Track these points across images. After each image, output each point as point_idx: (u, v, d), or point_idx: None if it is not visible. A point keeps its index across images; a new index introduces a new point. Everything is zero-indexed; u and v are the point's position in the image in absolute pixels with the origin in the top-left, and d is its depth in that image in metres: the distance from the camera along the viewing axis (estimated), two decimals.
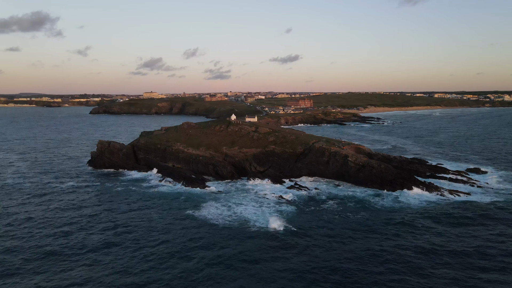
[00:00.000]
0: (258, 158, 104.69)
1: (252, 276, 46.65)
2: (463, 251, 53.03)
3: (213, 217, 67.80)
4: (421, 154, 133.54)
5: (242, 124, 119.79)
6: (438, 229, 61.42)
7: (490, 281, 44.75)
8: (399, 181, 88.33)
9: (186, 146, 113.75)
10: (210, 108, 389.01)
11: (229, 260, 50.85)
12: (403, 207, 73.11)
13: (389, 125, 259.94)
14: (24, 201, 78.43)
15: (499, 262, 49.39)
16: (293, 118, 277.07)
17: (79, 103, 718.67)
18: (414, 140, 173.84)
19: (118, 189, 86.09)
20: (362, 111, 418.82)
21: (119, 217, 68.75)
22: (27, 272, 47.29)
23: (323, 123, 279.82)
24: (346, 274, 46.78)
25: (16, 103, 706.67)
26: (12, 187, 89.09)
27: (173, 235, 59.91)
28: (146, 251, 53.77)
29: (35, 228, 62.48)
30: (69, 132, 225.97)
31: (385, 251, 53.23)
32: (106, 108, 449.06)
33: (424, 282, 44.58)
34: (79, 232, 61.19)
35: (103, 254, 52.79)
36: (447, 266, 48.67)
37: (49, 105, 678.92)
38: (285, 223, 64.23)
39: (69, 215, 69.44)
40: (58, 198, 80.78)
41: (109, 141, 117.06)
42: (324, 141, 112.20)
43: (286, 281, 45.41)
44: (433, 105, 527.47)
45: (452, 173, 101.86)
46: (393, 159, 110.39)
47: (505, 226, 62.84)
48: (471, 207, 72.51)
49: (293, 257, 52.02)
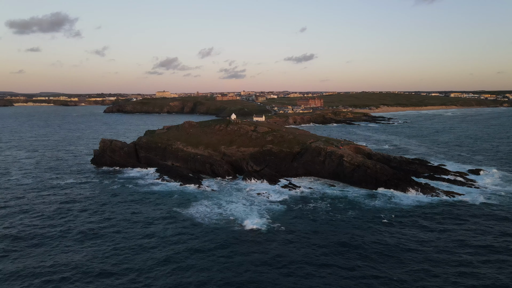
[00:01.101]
0: (255, 157, 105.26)
1: (221, 269, 47.45)
2: (437, 251, 52.62)
3: (200, 215, 68.89)
4: (424, 154, 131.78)
5: (241, 124, 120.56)
6: (421, 229, 61.10)
7: (461, 275, 44.46)
8: (394, 181, 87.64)
9: (185, 145, 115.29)
10: (221, 107, 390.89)
11: (201, 254, 52.02)
12: (394, 208, 72.64)
13: (398, 125, 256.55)
14: (21, 195, 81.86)
15: (467, 262, 48.97)
16: (302, 118, 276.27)
17: (95, 102, 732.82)
18: (420, 140, 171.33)
19: (114, 187, 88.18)
20: (374, 110, 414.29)
21: (107, 211, 71.42)
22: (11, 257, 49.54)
23: (332, 122, 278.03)
24: (315, 271, 47.14)
25: (35, 102, 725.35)
26: (14, 182, 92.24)
27: (153, 230, 61.77)
28: (123, 242, 56.57)
29: (26, 218, 65.20)
30: (81, 130, 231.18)
31: (360, 248, 53.41)
32: (120, 107, 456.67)
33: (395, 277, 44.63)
34: (66, 223, 64.29)
35: (80, 243, 56.39)
36: (420, 264, 48.47)
37: (66, 104, 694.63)
38: (268, 221, 65.05)
39: (60, 208, 72.76)
40: (54, 193, 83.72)
41: (111, 140, 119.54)
42: (323, 141, 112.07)
43: (252, 274, 46.50)
44: (448, 104, 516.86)
45: (452, 174, 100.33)
46: (392, 159, 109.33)
47: (487, 227, 62.03)
48: (462, 208, 71.83)
49: (268, 252, 53.10)
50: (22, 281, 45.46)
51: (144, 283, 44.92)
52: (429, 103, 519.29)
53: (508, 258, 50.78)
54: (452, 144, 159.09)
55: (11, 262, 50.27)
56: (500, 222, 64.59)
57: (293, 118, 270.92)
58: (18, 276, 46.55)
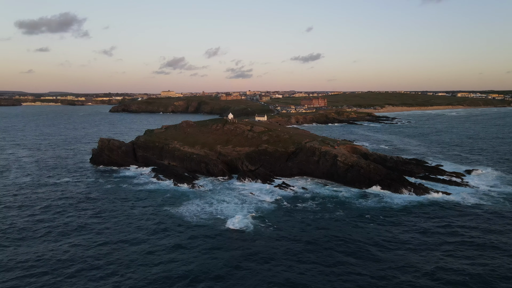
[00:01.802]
0: (251, 156, 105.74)
1: (201, 264, 48.07)
2: (419, 252, 52.64)
3: (190, 213, 69.60)
4: (423, 155, 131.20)
5: (238, 123, 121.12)
6: (405, 228, 61.07)
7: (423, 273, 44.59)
8: (387, 181, 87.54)
9: (182, 144, 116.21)
10: (224, 107, 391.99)
11: (184, 249, 52.86)
12: (383, 207, 72.66)
13: (401, 125, 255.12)
14: (16, 192, 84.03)
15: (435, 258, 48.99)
16: (304, 117, 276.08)
17: (101, 102, 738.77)
18: (420, 140, 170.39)
19: (108, 186, 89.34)
20: (379, 110, 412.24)
21: (97, 208, 73.07)
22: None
23: (335, 122, 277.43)
24: (294, 266, 47.62)
25: (43, 102, 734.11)
26: (12, 180, 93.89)
27: (139, 227, 63.13)
28: (108, 238, 58.53)
29: (18, 214, 66.73)
30: (84, 129, 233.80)
31: (340, 245, 53.72)
32: (125, 107, 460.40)
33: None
34: (53, 219, 66.44)
35: (66, 237, 58.46)
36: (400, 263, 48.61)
37: (73, 104, 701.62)
38: (255, 220, 65.70)
39: (50, 205, 74.94)
40: (48, 190, 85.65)
41: (109, 139, 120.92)
42: (319, 141, 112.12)
43: (232, 269, 47.43)
44: (454, 104, 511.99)
45: (447, 174, 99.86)
46: (389, 159, 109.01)
47: (470, 227, 61.70)
48: (451, 208, 71.77)
49: (250, 248, 53.97)
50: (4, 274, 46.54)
51: (125, 276, 45.87)
52: (435, 103, 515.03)
53: (485, 254, 51.06)
54: (452, 144, 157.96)
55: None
56: (485, 222, 64.20)
57: (295, 117, 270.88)
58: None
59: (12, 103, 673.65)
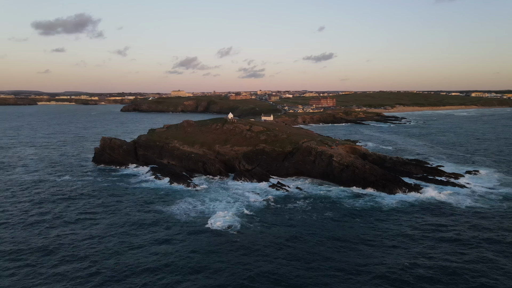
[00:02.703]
0: (248, 156, 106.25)
1: (182, 258, 48.83)
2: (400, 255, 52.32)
3: (180, 211, 70.59)
4: (426, 155, 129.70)
5: (237, 123, 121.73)
6: (391, 228, 60.65)
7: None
8: (382, 182, 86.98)
9: (182, 143, 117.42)
10: (233, 107, 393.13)
11: (167, 244, 53.65)
12: (373, 208, 72.30)
13: (409, 125, 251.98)
14: (14, 188, 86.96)
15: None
16: (311, 117, 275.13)
17: (114, 101, 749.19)
18: (426, 140, 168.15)
19: (104, 184, 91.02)
20: (389, 110, 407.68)
21: (88, 205, 75.36)
22: None
23: (342, 122, 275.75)
24: (272, 261, 47.92)
25: (58, 101, 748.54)
26: (14, 177, 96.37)
27: (127, 222, 65.28)
28: (94, 231, 61.50)
29: (16, 209, 68.64)
30: (94, 128, 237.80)
31: (322, 244, 53.80)
32: (136, 106, 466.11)
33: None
34: (43, 212, 69.75)
35: (53, 229, 60.62)
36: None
37: (87, 103, 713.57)
38: (242, 218, 66.36)
39: (43, 200, 78.25)
40: (46, 187, 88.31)
41: (111, 138, 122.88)
42: (318, 141, 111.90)
43: (211, 262, 47.58)
44: (468, 104, 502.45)
45: (446, 175, 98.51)
46: (388, 160, 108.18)
47: (459, 228, 60.87)
48: (442, 209, 71.07)
49: (233, 244, 54.73)
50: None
51: (101, 265, 48.19)
52: (447, 103, 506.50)
53: (460, 251, 50.87)
54: (456, 144, 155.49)
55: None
56: (477, 224, 63.28)
57: (302, 117, 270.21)
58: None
59: (28, 102, 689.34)
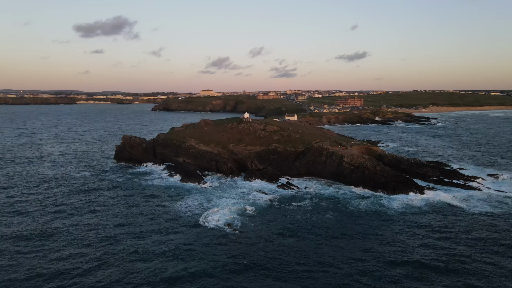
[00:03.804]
0: (261, 155, 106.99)
1: (172, 250, 50.55)
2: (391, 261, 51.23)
3: (185, 208, 72.64)
4: (449, 157, 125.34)
5: (252, 122, 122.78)
6: (390, 233, 59.45)
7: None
8: (392, 184, 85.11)
9: (198, 142, 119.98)
10: (260, 106, 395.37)
11: (160, 235, 55.64)
12: (377, 210, 70.96)
13: (439, 125, 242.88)
14: (36, 184, 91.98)
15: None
16: (336, 117, 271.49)
17: (147, 101, 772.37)
18: (452, 142, 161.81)
19: (118, 180, 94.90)
20: (421, 111, 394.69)
21: (98, 198, 79.68)
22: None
23: (368, 122, 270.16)
24: (262, 260, 48.54)
25: (94, 100, 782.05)
26: (37, 172, 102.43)
27: (130, 216, 68.83)
28: (89, 221, 65.53)
29: (28, 197, 74.07)
30: (122, 126, 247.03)
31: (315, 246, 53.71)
32: (166, 106, 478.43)
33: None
34: (52, 204, 73.58)
35: (58, 221, 64.25)
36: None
37: (121, 102, 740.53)
38: (242, 216, 67.31)
39: (61, 195, 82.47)
40: (62, 182, 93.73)
41: (131, 136, 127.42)
42: (332, 141, 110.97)
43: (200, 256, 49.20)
44: (508, 105, 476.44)
45: (465, 178, 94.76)
46: (404, 161, 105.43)
47: (465, 235, 58.56)
48: (452, 215, 68.38)
49: (224, 241, 55.86)
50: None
51: (105, 252, 50.82)
52: (486, 103, 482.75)
53: (467, 260, 48.55)
54: (483, 146, 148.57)
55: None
56: (485, 231, 60.69)
57: (327, 117, 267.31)
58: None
59: (67, 101, 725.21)
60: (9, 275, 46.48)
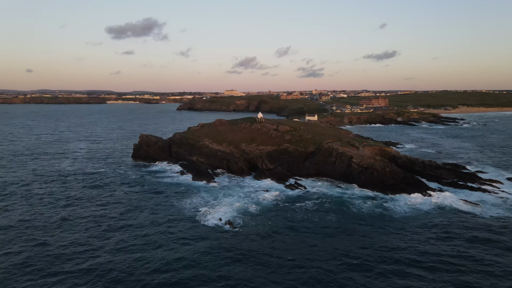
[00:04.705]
0: (271, 155, 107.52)
1: (168, 244, 52.19)
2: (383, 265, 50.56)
3: (190, 205, 74.54)
4: (469, 159, 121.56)
5: (265, 122, 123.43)
6: (390, 235, 58.60)
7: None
8: (401, 186, 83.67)
9: (212, 141, 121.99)
10: (283, 106, 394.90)
11: (157, 226, 57.49)
12: (382, 213, 69.93)
13: (466, 126, 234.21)
14: (54, 178, 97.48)
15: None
16: (358, 118, 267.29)
17: (174, 100, 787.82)
18: (476, 143, 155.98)
19: (132, 177, 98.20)
20: (450, 111, 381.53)
21: (106, 193, 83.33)
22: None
23: (391, 123, 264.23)
24: (257, 259, 49.34)
25: (124, 100, 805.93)
26: (58, 169, 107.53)
27: (133, 210, 71.95)
28: (105, 218, 67.98)
29: (41, 189, 77.92)
30: (146, 125, 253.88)
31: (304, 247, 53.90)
32: (191, 105, 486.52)
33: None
34: (71, 200, 77.62)
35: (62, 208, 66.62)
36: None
37: (149, 102, 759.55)
38: (243, 215, 68.27)
39: (74, 189, 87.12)
40: (78, 177, 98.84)
41: (147, 135, 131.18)
42: (344, 142, 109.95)
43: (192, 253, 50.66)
44: None
45: (481, 182, 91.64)
46: (419, 163, 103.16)
47: (470, 242, 56.79)
48: (460, 219, 66.41)
49: (219, 238, 57.00)
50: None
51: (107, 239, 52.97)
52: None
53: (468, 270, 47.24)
54: (509, 148, 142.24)
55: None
56: (496, 237, 58.61)
57: (348, 118, 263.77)
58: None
59: (98, 101, 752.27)
60: (11, 257, 49.77)
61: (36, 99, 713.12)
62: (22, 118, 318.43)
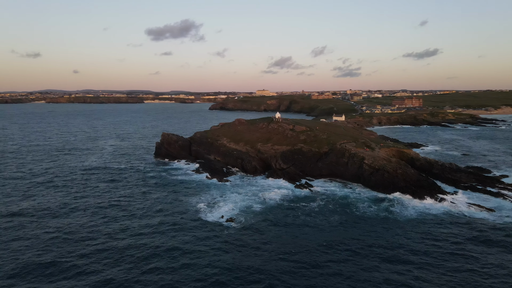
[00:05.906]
0: (286, 155, 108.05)
1: (168, 237, 54.55)
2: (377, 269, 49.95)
3: (197, 201, 77.23)
4: (496, 162, 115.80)
5: (281, 122, 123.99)
6: (392, 240, 57.70)
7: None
8: (412, 188, 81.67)
9: (229, 141, 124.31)
10: (313, 106, 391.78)
11: (159, 220, 60.04)
12: (387, 216, 68.73)
13: (505, 128, 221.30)
14: (77, 173, 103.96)
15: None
16: (388, 118, 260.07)
17: (208, 100, 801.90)
18: (509, 147, 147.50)
19: (150, 174, 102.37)
20: (491, 112, 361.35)
21: (122, 189, 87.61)
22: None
23: (424, 124, 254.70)
24: (254, 257, 50.54)
25: (160, 100, 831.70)
26: (82, 165, 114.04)
27: (142, 205, 75.46)
28: (114, 208, 72.76)
29: (61, 180, 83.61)
30: (176, 124, 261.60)
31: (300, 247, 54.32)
32: (223, 105, 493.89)
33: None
34: (86, 192, 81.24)
35: (78, 207, 69.63)
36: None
37: (184, 101, 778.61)
38: (246, 213, 69.67)
39: (91, 182, 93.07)
40: (99, 171, 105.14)
41: (169, 133, 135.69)
42: (361, 142, 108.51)
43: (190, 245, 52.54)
44: None
45: (502, 186, 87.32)
46: (437, 166, 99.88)
47: (478, 249, 54.68)
48: (467, 224, 64.04)
49: (220, 235, 58.36)
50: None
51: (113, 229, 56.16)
52: None
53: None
54: None
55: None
56: (495, 245, 56.26)
57: (377, 118, 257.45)
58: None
59: (136, 100, 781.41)
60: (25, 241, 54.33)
61: (80, 99, 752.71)
62: (65, 117, 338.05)
